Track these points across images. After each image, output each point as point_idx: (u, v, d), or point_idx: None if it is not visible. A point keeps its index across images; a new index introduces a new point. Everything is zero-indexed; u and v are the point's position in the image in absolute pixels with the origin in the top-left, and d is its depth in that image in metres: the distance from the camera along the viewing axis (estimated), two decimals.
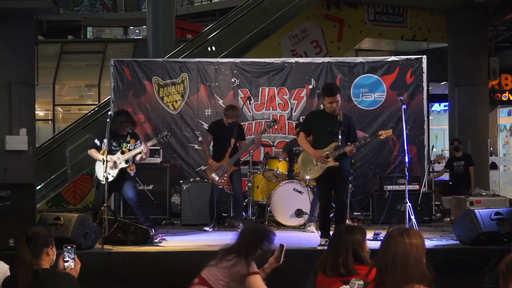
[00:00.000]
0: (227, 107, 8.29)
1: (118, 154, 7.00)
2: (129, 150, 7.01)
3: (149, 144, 7.14)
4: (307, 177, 6.78)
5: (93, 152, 7.10)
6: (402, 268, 2.64)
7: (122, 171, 7.00)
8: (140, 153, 6.98)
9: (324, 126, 6.38)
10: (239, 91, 9.52)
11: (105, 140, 6.76)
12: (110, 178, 6.88)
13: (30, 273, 3.44)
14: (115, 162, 6.93)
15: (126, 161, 6.99)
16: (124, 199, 8.45)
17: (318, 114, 6.74)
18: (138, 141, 7.14)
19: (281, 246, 4.09)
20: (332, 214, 6.78)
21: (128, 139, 7.08)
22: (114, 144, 7.03)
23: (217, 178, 7.89)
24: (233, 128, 7.94)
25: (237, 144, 8.02)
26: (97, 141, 7.08)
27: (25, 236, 3.58)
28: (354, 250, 3.64)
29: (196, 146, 9.34)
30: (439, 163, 11.25)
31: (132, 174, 7.13)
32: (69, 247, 3.62)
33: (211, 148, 8.35)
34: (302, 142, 6.56)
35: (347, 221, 7.11)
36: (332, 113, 6.36)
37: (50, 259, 3.62)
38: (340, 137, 6.32)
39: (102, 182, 6.84)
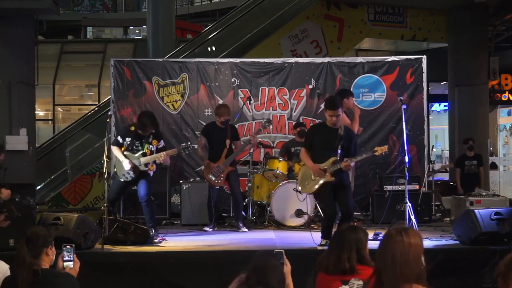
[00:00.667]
0: (217, 106, 8.32)
1: (139, 154, 7.06)
2: (151, 151, 7.07)
3: (169, 152, 7.19)
4: (306, 191, 6.76)
5: (115, 150, 7.17)
6: (401, 268, 2.64)
7: (142, 171, 7.11)
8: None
9: (324, 140, 6.39)
10: (239, 91, 9.52)
11: (120, 136, 7.05)
12: (129, 179, 7.09)
13: (30, 273, 3.44)
14: (135, 166, 7.02)
15: (146, 164, 7.06)
16: (125, 199, 8.51)
17: (320, 128, 6.75)
18: (161, 141, 7.21)
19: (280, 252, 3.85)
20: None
21: (150, 139, 7.13)
22: (136, 143, 7.10)
23: (213, 179, 7.91)
24: (227, 129, 7.97)
25: (232, 145, 8.03)
26: (119, 139, 7.17)
27: (25, 236, 3.59)
28: (357, 249, 3.62)
29: (196, 146, 9.33)
30: (446, 170, 11.11)
31: (152, 174, 7.20)
32: (68, 247, 3.61)
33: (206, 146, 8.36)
34: (303, 157, 6.59)
35: None
36: (333, 126, 6.36)
37: (49, 259, 3.62)
38: (339, 151, 6.32)
39: (121, 180, 7.09)
